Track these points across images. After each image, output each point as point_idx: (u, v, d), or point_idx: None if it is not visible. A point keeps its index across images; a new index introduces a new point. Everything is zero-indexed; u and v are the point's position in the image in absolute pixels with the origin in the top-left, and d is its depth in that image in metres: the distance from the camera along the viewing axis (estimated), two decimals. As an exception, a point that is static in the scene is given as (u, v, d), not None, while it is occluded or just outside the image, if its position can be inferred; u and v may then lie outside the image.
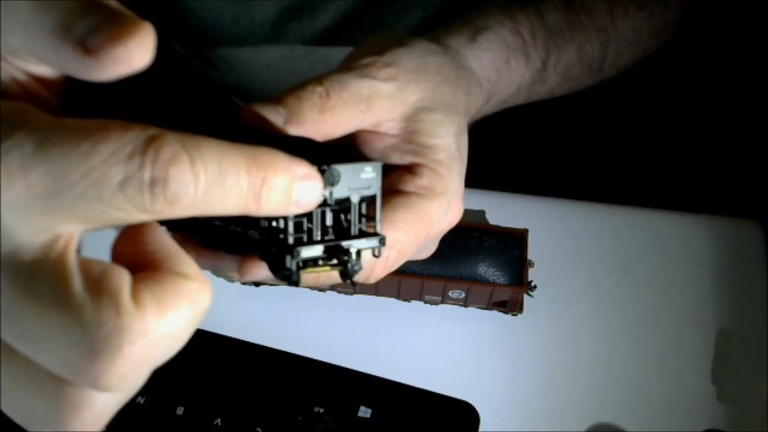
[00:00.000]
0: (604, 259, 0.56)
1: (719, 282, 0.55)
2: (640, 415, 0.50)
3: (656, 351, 0.52)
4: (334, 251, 0.30)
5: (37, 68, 0.26)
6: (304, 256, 0.29)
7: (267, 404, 0.49)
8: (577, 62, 0.52)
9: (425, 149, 0.37)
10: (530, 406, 0.50)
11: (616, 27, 0.53)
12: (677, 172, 0.73)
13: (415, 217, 0.36)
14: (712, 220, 0.58)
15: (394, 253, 0.35)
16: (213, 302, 0.26)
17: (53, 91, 0.27)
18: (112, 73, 0.23)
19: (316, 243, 0.29)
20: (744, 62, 0.71)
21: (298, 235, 0.29)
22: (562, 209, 0.59)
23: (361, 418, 0.48)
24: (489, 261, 0.52)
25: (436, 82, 0.39)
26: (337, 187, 0.29)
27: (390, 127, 0.37)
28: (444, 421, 0.49)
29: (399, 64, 0.38)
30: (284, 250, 0.29)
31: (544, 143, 0.73)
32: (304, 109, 0.34)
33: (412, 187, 0.37)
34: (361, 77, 0.36)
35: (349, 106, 0.36)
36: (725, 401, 0.50)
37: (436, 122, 0.38)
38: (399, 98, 0.37)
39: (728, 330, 0.53)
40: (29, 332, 0.22)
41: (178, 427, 0.48)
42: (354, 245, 0.30)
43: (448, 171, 0.37)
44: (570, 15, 0.51)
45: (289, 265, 0.29)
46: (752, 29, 0.66)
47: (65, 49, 0.23)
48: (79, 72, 0.23)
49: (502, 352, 0.53)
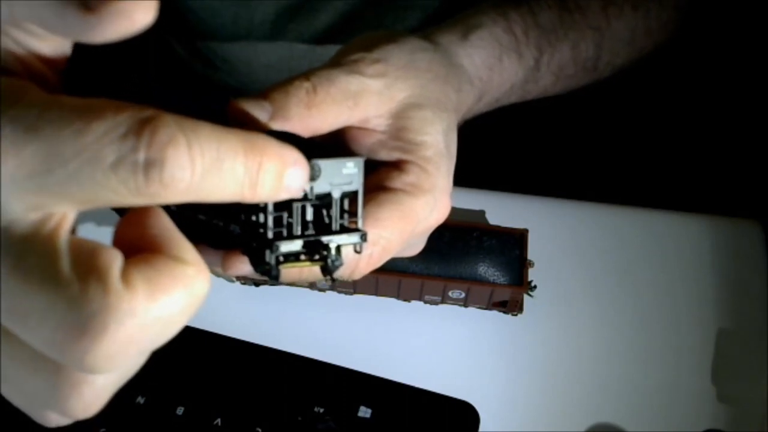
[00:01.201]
0: (604, 259, 0.56)
1: (719, 282, 0.55)
2: (640, 415, 0.50)
3: (656, 351, 0.52)
4: (314, 246, 0.30)
5: (38, 44, 0.26)
6: (284, 251, 0.29)
7: (267, 404, 0.49)
8: (571, 61, 0.52)
9: (413, 146, 0.37)
10: (530, 406, 0.50)
11: (610, 26, 0.53)
12: (677, 172, 0.73)
13: (401, 214, 0.36)
14: (712, 220, 0.58)
15: (378, 250, 0.35)
16: (213, 302, 0.26)
17: (54, 69, 0.27)
18: (116, 31, 0.23)
19: (295, 238, 0.29)
20: (743, 62, 0.71)
21: (277, 229, 0.29)
22: (562, 209, 0.59)
23: (361, 418, 0.48)
24: (489, 261, 0.52)
25: (426, 79, 0.39)
26: (317, 181, 0.29)
27: (378, 123, 0.37)
28: (444, 421, 0.49)
29: (388, 61, 0.38)
30: (263, 244, 0.29)
31: (544, 143, 0.73)
32: (290, 105, 0.34)
33: (398, 184, 0.36)
34: (350, 73, 0.36)
35: (336, 102, 0.35)
36: (725, 401, 0.50)
37: (425, 119, 0.38)
38: (387, 95, 0.37)
39: (728, 330, 0.53)
40: (18, 308, 0.23)
41: (178, 427, 0.48)
42: (334, 240, 0.30)
43: (435, 168, 0.37)
44: (564, 14, 0.51)
45: (268, 259, 0.29)
46: (751, 29, 0.66)
47: (67, 10, 0.23)
48: (83, 33, 0.23)
49: (502, 352, 0.53)
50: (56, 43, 0.26)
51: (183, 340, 0.54)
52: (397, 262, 0.50)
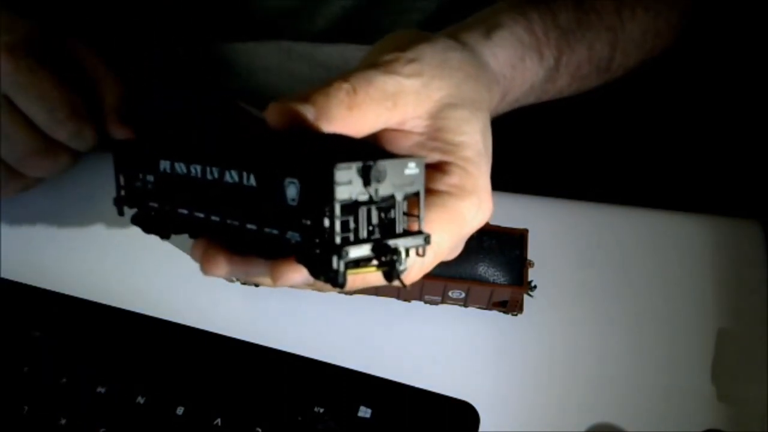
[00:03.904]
0: (604, 259, 0.56)
1: (719, 282, 0.55)
2: (640, 415, 0.50)
3: (656, 351, 0.52)
4: (380, 251, 0.29)
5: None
6: (353, 256, 0.28)
7: (267, 404, 0.49)
8: (587, 62, 0.52)
9: (453, 147, 0.37)
10: (530, 406, 0.50)
11: (624, 27, 0.53)
12: (677, 172, 0.73)
13: (449, 216, 0.35)
14: (712, 220, 0.58)
15: (430, 255, 0.34)
16: (213, 302, 0.26)
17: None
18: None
19: (362, 242, 0.28)
20: (744, 62, 0.71)
21: (344, 234, 0.28)
22: (562, 209, 0.59)
23: (361, 418, 0.48)
24: (489, 261, 0.52)
25: (459, 78, 0.38)
26: (383, 184, 0.28)
27: (415, 125, 0.37)
28: (444, 421, 0.48)
29: (423, 60, 0.37)
30: (331, 250, 0.28)
31: (544, 143, 0.73)
32: (332, 106, 0.34)
33: (442, 186, 0.36)
34: (386, 73, 0.36)
35: (376, 102, 0.35)
36: (725, 401, 0.50)
37: (462, 119, 0.37)
38: (425, 94, 0.37)
39: (728, 330, 0.53)
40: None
41: (178, 427, 0.48)
42: (401, 244, 0.29)
43: (477, 168, 0.37)
44: (581, 14, 0.51)
45: (336, 266, 0.28)
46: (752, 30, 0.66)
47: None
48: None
49: (502, 352, 0.53)
50: None
51: (183, 340, 0.55)
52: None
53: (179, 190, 0.36)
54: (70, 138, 0.53)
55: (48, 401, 0.49)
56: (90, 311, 0.54)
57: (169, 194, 0.36)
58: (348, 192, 0.28)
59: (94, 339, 0.52)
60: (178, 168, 0.35)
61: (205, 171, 0.33)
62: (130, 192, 0.39)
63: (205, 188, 0.34)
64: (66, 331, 0.53)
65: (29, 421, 0.49)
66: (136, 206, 0.40)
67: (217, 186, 0.33)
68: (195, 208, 0.35)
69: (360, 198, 0.28)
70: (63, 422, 0.48)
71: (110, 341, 0.52)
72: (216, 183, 0.33)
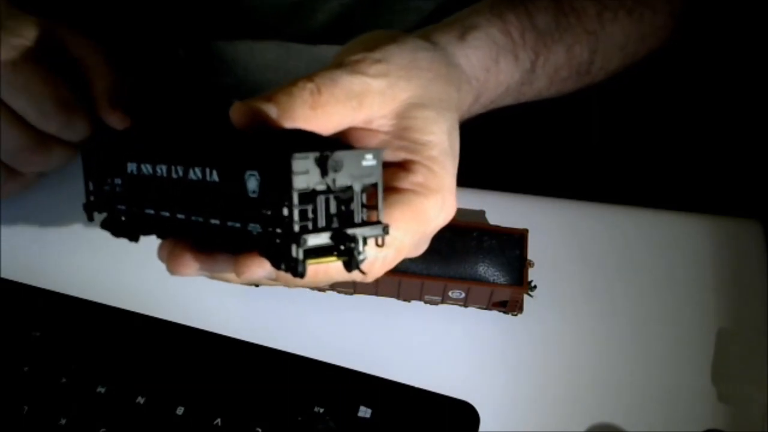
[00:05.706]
0: (604, 259, 0.56)
1: (719, 282, 0.55)
2: (640, 415, 0.50)
3: (656, 351, 0.52)
4: (339, 239, 0.29)
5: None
6: (311, 244, 0.28)
7: (267, 404, 0.49)
8: (566, 64, 0.51)
9: (418, 146, 0.37)
10: (530, 406, 0.50)
11: (605, 30, 0.52)
12: (677, 172, 0.73)
13: (412, 214, 0.36)
14: (712, 220, 0.58)
15: (392, 252, 0.35)
16: (213, 302, 0.26)
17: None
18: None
19: (321, 231, 0.29)
20: (743, 62, 0.71)
21: (303, 222, 0.28)
22: (562, 209, 0.59)
23: (361, 418, 0.48)
24: (489, 261, 0.52)
25: (427, 79, 0.39)
26: (339, 174, 0.29)
27: (382, 124, 0.37)
28: (444, 421, 0.49)
29: (390, 61, 0.38)
30: (290, 238, 0.28)
31: (544, 143, 0.73)
32: (295, 106, 0.34)
33: (407, 184, 0.36)
34: (352, 73, 0.36)
35: (340, 102, 0.35)
36: (725, 401, 0.50)
37: (429, 119, 0.38)
38: (390, 95, 0.37)
39: (728, 330, 0.53)
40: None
41: (178, 427, 0.48)
42: (359, 233, 0.30)
43: (441, 168, 0.37)
44: (560, 17, 0.50)
45: (295, 254, 0.28)
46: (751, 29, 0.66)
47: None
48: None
49: (502, 352, 0.53)
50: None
51: (183, 340, 0.55)
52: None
53: (146, 191, 0.36)
54: (60, 130, 0.53)
55: (48, 401, 0.49)
56: (90, 311, 0.54)
57: (137, 196, 0.37)
58: (305, 181, 0.28)
59: (94, 339, 0.52)
60: (145, 169, 0.35)
61: (170, 170, 0.34)
62: (99, 196, 0.40)
63: (170, 187, 0.34)
64: (66, 331, 0.53)
65: (29, 421, 0.49)
66: (105, 210, 0.40)
67: (181, 184, 0.33)
68: (161, 207, 0.35)
69: (318, 188, 0.29)
70: (63, 422, 0.48)
71: (110, 341, 0.52)
72: (181, 181, 0.33)
